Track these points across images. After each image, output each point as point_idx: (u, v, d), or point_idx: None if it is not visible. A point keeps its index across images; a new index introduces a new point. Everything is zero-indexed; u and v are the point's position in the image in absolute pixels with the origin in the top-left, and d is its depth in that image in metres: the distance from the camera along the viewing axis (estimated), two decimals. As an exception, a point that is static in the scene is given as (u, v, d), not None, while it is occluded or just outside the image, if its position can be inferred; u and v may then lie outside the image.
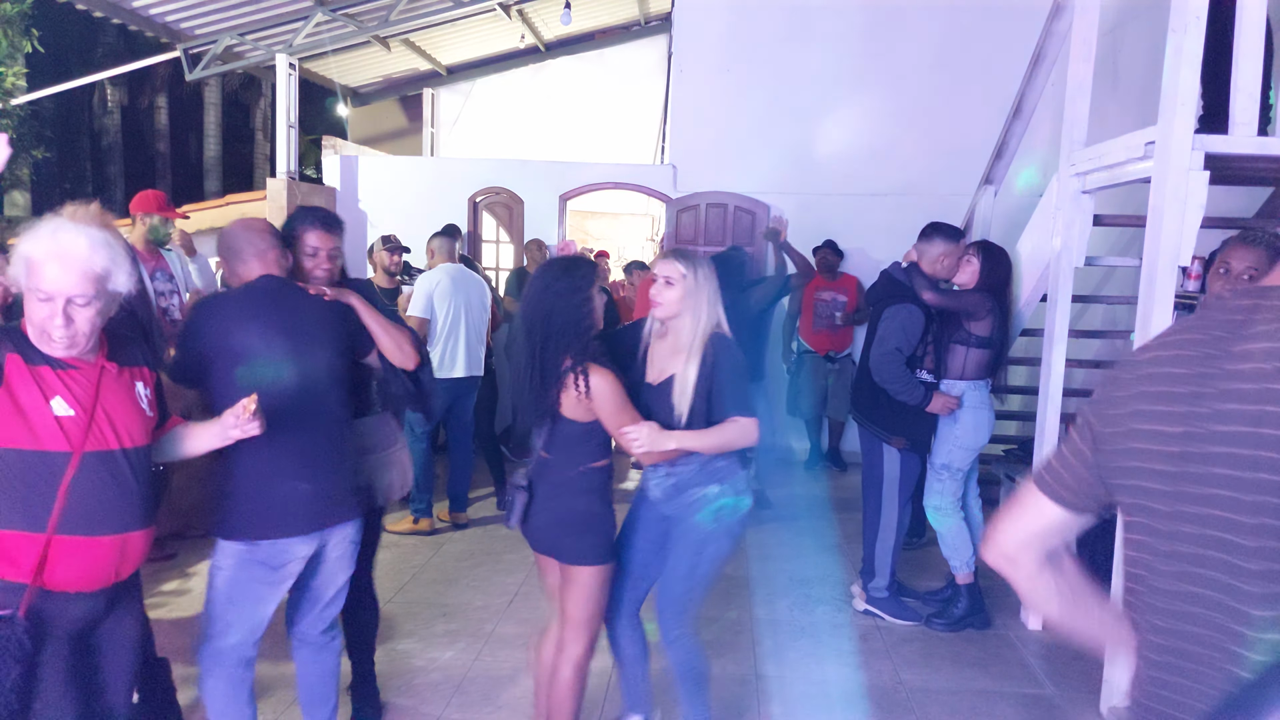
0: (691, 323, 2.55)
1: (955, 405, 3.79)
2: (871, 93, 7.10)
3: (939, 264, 3.84)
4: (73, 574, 1.85)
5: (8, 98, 10.18)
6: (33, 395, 1.78)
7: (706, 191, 7.24)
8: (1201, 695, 1.01)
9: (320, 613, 2.61)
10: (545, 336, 2.42)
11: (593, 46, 10.87)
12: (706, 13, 7.31)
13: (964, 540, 3.92)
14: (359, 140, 10.42)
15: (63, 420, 1.80)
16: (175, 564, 4.45)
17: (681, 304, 2.55)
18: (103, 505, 1.85)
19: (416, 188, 7.59)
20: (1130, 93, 6.01)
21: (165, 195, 4.71)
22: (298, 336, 2.42)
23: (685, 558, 2.65)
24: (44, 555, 1.79)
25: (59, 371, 1.82)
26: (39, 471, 1.79)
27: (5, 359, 1.77)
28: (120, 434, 1.89)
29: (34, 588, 1.79)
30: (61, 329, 1.78)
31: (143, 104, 19.28)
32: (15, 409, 1.77)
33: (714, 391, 2.54)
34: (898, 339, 3.72)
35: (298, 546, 2.41)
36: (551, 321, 2.42)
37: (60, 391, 1.81)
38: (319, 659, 2.65)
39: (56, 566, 1.82)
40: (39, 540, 1.79)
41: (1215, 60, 3.29)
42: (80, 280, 1.78)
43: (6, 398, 1.77)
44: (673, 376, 2.55)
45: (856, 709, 3.23)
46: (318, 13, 7.40)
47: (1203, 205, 2.95)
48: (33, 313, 1.79)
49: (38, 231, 1.80)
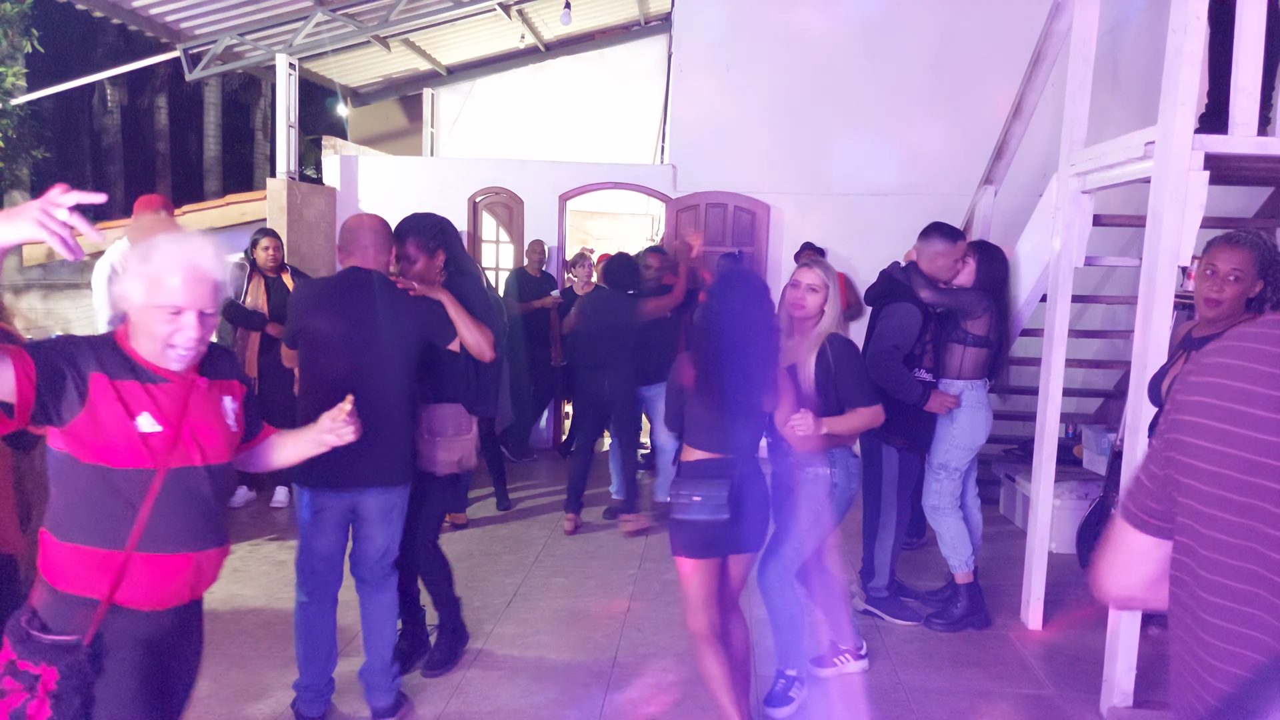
0: (823, 324, 3.01)
1: (953, 404, 3.79)
2: (871, 92, 7.10)
3: (936, 264, 3.84)
4: (148, 592, 1.80)
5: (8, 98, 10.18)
6: (117, 413, 1.72)
7: (706, 191, 7.24)
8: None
9: (369, 559, 2.97)
10: (753, 347, 2.67)
11: (593, 46, 10.86)
12: (706, 13, 7.31)
13: (963, 540, 3.92)
14: (359, 140, 10.41)
15: (149, 437, 1.75)
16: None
17: (821, 309, 3.01)
18: (183, 522, 1.82)
19: (416, 188, 7.60)
20: (1130, 93, 6.01)
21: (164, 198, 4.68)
22: (364, 323, 2.80)
23: (800, 525, 3.05)
24: (121, 573, 1.75)
25: (147, 385, 1.77)
26: (121, 489, 1.75)
27: (90, 380, 1.71)
28: (205, 450, 1.84)
29: (108, 605, 1.75)
30: (194, 342, 1.77)
31: (143, 104, 19.28)
32: (98, 428, 1.72)
33: (840, 383, 2.96)
34: (895, 337, 3.72)
35: (330, 499, 2.83)
36: (755, 330, 2.67)
37: (148, 407, 1.76)
38: (372, 597, 3.01)
39: (133, 584, 1.77)
40: (118, 558, 1.74)
41: (1221, 57, 3.30)
42: (211, 292, 1.77)
43: (88, 417, 1.71)
44: (794, 366, 2.97)
45: (856, 709, 3.22)
46: (318, 13, 7.39)
47: (1203, 205, 2.95)
48: (156, 328, 1.76)
49: (158, 246, 1.78)
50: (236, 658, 3.44)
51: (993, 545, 4.76)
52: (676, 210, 7.34)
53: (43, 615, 1.74)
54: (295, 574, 2.95)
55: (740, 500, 2.67)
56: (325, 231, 7.47)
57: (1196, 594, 1.01)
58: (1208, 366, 1.03)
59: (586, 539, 5.08)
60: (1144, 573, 1.16)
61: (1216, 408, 0.99)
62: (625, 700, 3.24)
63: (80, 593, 1.74)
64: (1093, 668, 3.32)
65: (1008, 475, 5.70)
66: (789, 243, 7.10)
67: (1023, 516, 5.28)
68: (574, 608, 4.09)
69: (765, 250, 7.18)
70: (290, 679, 3.11)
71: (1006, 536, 5.25)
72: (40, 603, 1.76)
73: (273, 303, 5.26)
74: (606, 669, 3.47)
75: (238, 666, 3.38)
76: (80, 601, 1.74)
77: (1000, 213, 5.39)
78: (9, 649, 1.72)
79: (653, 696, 3.24)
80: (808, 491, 3.04)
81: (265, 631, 3.70)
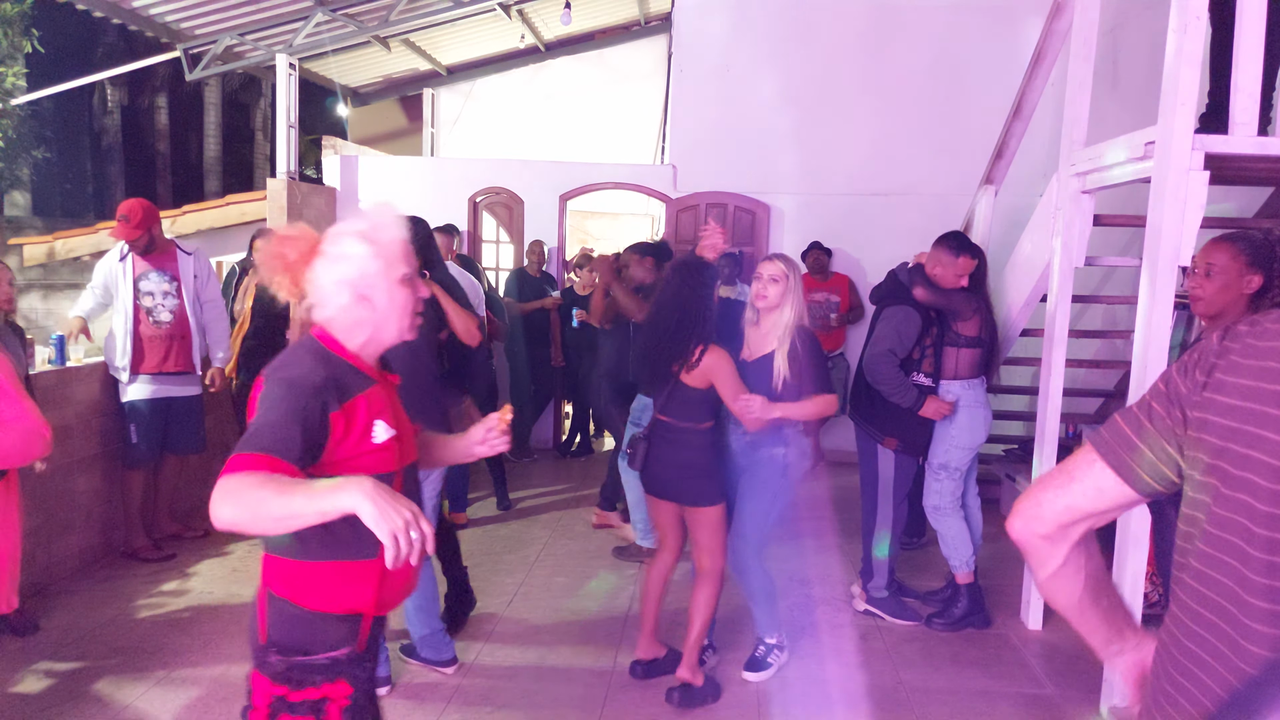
0: (786, 314, 3.21)
1: (948, 411, 3.79)
2: (871, 92, 7.10)
3: (936, 271, 3.87)
4: (395, 595, 1.77)
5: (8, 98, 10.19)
6: (359, 432, 1.65)
7: (706, 191, 7.24)
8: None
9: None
10: (679, 319, 3.07)
11: (593, 46, 10.86)
12: (706, 13, 7.31)
13: (964, 540, 3.92)
14: (359, 140, 10.41)
15: (388, 443, 1.69)
16: (175, 564, 4.45)
17: (782, 299, 3.20)
18: None
19: (416, 188, 7.60)
20: (1130, 93, 6.01)
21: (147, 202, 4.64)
22: None
23: (760, 503, 3.30)
24: (381, 580, 1.68)
25: (368, 393, 1.68)
26: None
27: (331, 421, 1.60)
28: (412, 444, 1.81)
29: (372, 616, 1.70)
30: (420, 302, 1.73)
31: (143, 104, 19.28)
32: (348, 453, 1.64)
33: (801, 372, 3.17)
34: (891, 340, 3.73)
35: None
36: (686, 308, 3.07)
37: (380, 413, 1.69)
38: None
39: (387, 590, 1.72)
40: (377, 565, 1.63)
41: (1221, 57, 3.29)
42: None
43: (335, 446, 1.62)
44: (766, 355, 3.22)
45: (856, 709, 3.23)
46: (318, 13, 7.39)
47: (1203, 205, 2.95)
48: (404, 302, 1.70)
49: (377, 222, 1.71)
50: (236, 658, 3.45)
51: (993, 545, 4.75)
52: (676, 210, 7.34)
53: (296, 641, 1.65)
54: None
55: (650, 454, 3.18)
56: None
57: (1240, 597, 0.98)
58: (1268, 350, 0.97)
59: (586, 539, 5.08)
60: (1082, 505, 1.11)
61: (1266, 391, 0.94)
62: (627, 700, 3.23)
63: (343, 609, 1.67)
64: (1092, 668, 3.32)
65: (1008, 475, 5.70)
66: (789, 243, 7.10)
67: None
68: (575, 608, 4.09)
69: (766, 250, 7.17)
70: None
71: (1006, 536, 5.23)
72: (288, 630, 1.65)
73: (264, 301, 5.27)
74: (608, 669, 3.47)
75: (238, 666, 3.38)
76: (342, 617, 1.67)
77: (1000, 213, 5.39)
78: (268, 688, 1.64)
79: (654, 697, 3.24)
80: (765, 472, 3.30)
81: (265, 631, 3.70)
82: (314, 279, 1.67)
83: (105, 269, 4.49)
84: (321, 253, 1.67)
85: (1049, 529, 1.14)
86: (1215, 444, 0.99)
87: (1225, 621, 0.98)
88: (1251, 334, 0.99)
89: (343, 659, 1.66)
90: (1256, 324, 1.00)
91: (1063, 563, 1.15)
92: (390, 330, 1.72)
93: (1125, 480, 1.09)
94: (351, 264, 1.66)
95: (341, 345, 1.69)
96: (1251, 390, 0.96)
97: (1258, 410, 0.95)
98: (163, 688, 3.21)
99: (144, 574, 4.32)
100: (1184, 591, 1.05)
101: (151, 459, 4.57)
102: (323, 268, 1.66)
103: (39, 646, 3.51)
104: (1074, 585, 1.17)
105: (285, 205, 6.87)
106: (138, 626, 3.73)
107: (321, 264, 1.67)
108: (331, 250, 1.67)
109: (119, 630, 3.69)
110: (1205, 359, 1.03)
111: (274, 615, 1.66)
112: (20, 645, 3.52)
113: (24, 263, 9.85)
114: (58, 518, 4.20)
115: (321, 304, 1.67)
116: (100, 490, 4.49)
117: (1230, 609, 0.98)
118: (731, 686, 3.34)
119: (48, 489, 4.11)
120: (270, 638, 1.66)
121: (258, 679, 1.66)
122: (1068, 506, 1.13)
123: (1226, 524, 0.98)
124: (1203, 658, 1.02)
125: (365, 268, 1.66)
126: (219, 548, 4.70)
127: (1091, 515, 1.12)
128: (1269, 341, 0.97)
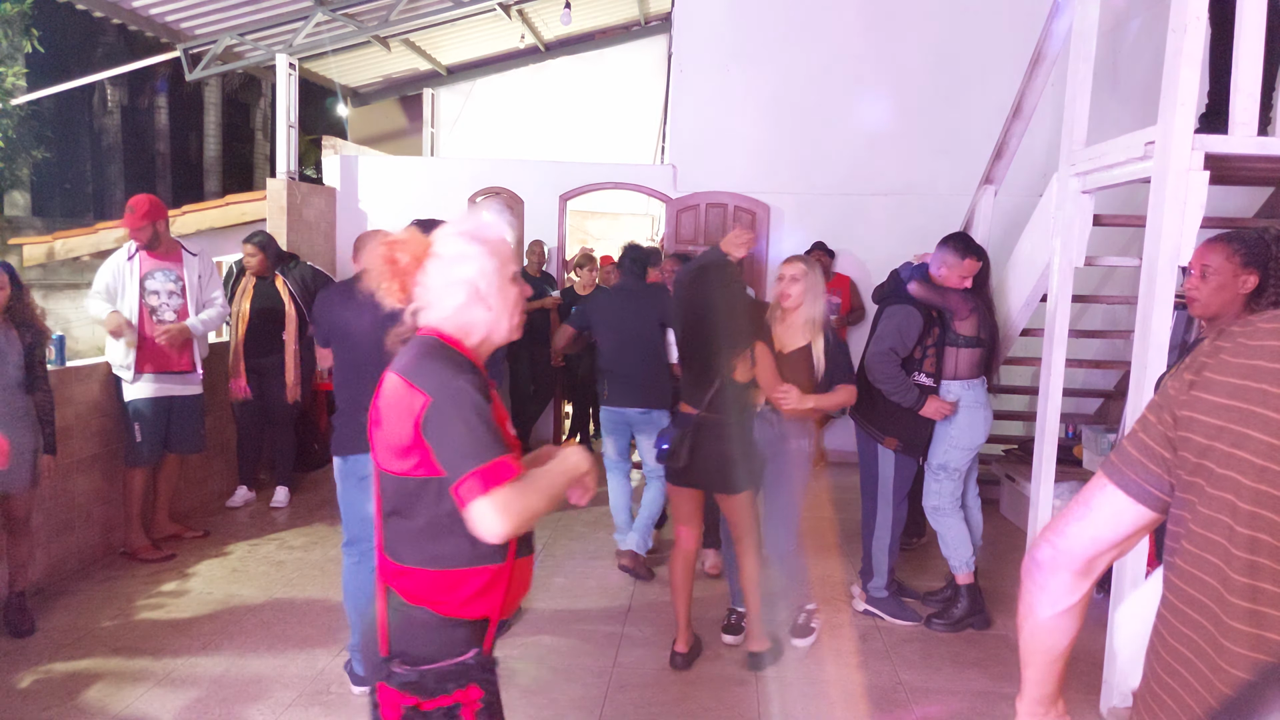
0: (809, 310, 3.52)
1: (949, 411, 3.79)
2: (871, 92, 7.09)
3: (941, 272, 3.87)
4: (518, 597, 1.77)
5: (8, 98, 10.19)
6: (502, 420, 1.66)
7: (706, 191, 7.24)
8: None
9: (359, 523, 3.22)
10: (724, 320, 3.28)
11: (593, 46, 10.87)
12: (706, 13, 7.30)
13: (963, 540, 3.92)
14: (359, 140, 10.42)
15: (513, 442, 1.70)
16: (174, 564, 4.45)
17: (803, 297, 3.51)
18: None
19: (416, 188, 7.60)
20: (1130, 93, 6.01)
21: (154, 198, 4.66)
22: (359, 315, 3.09)
23: (792, 492, 3.66)
24: (509, 584, 1.70)
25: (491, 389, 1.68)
26: None
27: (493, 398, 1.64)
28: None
29: (497, 620, 1.71)
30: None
31: (143, 104, 19.29)
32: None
33: (830, 363, 3.52)
34: (892, 339, 3.74)
35: (338, 463, 3.16)
36: (728, 308, 3.30)
37: (501, 416, 1.68)
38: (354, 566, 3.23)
39: (512, 594, 1.73)
40: (506, 569, 1.68)
41: (1221, 57, 3.29)
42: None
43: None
44: (796, 350, 3.53)
45: (857, 709, 3.22)
46: (318, 13, 7.39)
47: (1203, 205, 2.95)
48: (515, 297, 1.73)
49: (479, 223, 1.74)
50: (236, 658, 3.45)
51: (993, 545, 4.76)
52: (676, 210, 7.34)
53: (423, 650, 1.64)
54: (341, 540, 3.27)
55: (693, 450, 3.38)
56: (325, 231, 7.47)
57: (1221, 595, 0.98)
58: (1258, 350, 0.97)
59: (586, 539, 5.08)
60: (1105, 535, 1.10)
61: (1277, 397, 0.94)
62: (627, 701, 3.23)
63: (476, 614, 1.67)
64: (1092, 668, 3.32)
65: (1008, 475, 5.70)
66: (789, 243, 7.10)
67: (1023, 517, 5.28)
68: (574, 608, 4.09)
69: (765, 250, 7.18)
70: (290, 676, 3.12)
71: (1006, 536, 5.25)
72: (416, 639, 1.65)
73: (258, 303, 5.29)
74: (608, 669, 3.47)
75: (238, 666, 3.38)
76: (472, 622, 1.67)
77: (1000, 213, 5.39)
78: (398, 699, 1.63)
79: (654, 697, 3.24)
80: (792, 462, 3.62)
81: (265, 632, 3.70)
82: (427, 281, 1.67)
83: (111, 270, 4.49)
84: (435, 255, 1.68)
85: (1078, 564, 1.13)
86: (1201, 443, 0.99)
87: (1209, 621, 0.99)
88: (1243, 334, 1.00)
89: (471, 663, 1.66)
90: (1249, 324, 1.00)
91: (1077, 601, 1.14)
92: (502, 328, 1.73)
93: (1136, 499, 1.08)
94: (470, 263, 1.67)
95: (464, 345, 1.70)
96: (1239, 389, 0.96)
97: (1244, 408, 0.95)
98: (163, 688, 3.21)
99: (144, 574, 4.32)
100: (1171, 591, 1.06)
101: (153, 458, 4.58)
102: (437, 269, 1.67)
103: (38, 646, 3.51)
104: (1072, 627, 1.17)
105: (285, 205, 6.87)
106: (138, 626, 3.73)
107: (435, 265, 1.67)
108: (445, 251, 1.67)
109: (119, 630, 3.68)
110: (1196, 360, 1.04)
111: (400, 625, 1.65)
112: (20, 645, 3.52)
113: (24, 263, 9.85)
114: (58, 518, 4.20)
115: (435, 305, 1.68)
116: (100, 490, 4.49)
117: (1213, 608, 0.98)
118: (731, 687, 3.34)
119: (48, 489, 4.11)
120: (394, 649, 1.64)
121: (385, 692, 1.64)
122: (1093, 538, 1.12)
123: (1211, 523, 0.99)
124: (1188, 657, 1.02)
125: (483, 265, 1.68)
126: (219, 548, 4.70)
127: (1115, 544, 1.12)
128: (1260, 340, 0.97)
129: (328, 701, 3.14)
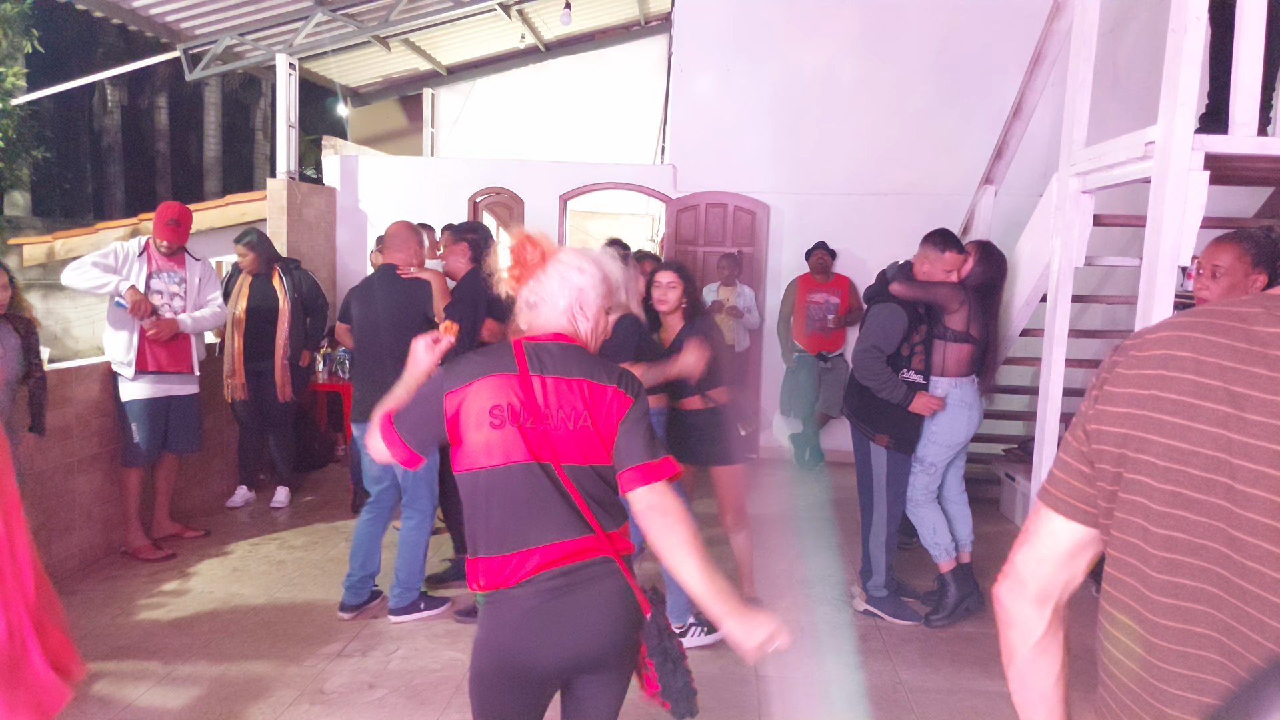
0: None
1: (938, 406, 3.79)
2: (872, 92, 7.10)
3: (923, 268, 3.87)
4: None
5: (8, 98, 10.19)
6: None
7: (706, 191, 7.24)
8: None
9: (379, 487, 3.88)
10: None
11: (593, 46, 10.87)
12: (706, 13, 7.30)
13: (941, 527, 3.93)
14: (359, 140, 10.42)
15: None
16: (175, 564, 4.45)
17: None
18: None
19: (416, 188, 7.60)
20: (1130, 93, 6.01)
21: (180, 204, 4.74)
22: (376, 305, 3.80)
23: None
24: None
25: None
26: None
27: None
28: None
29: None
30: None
31: (143, 104, 19.29)
32: None
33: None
34: (876, 336, 3.76)
35: (356, 430, 3.81)
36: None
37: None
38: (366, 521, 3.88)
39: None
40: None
41: (1221, 57, 3.29)
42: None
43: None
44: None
45: (856, 709, 3.23)
46: (318, 13, 7.39)
47: (1203, 205, 2.95)
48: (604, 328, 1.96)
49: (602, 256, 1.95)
50: (236, 658, 3.45)
51: (993, 545, 4.76)
52: (676, 210, 7.34)
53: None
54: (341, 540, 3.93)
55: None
56: (325, 231, 7.47)
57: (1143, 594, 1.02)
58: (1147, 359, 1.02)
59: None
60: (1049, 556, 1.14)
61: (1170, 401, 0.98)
62: (626, 701, 3.23)
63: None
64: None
65: (1008, 475, 5.71)
66: (789, 243, 7.11)
67: (1023, 516, 5.28)
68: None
69: (765, 250, 7.18)
70: (290, 676, 3.11)
71: (1006, 536, 5.25)
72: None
73: (254, 303, 5.29)
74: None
75: (238, 666, 3.38)
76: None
77: (1000, 213, 5.39)
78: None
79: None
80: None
81: (265, 631, 3.70)
82: (545, 281, 1.87)
83: (119, 255, 4.46)
84: (559, 261, 1.88)
85: (1032, 591, 1.16)
86: (1112, 452, 1.05)
87: (1135, 621, 1.03)
88: (1134, 346, 1.06)
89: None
90: (1140, 336, 1.06)
91: (1044, 630, 1.17)
92: (591, 347, 1.94)
93: (1068, 516, 1.12)
94: (584, 276, 1.88)
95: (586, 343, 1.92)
96: (1135, 397, 1.02)
97: (1141, 415, 1.01)
98: (163, 687, 3.21)
99: (144, 574, 4.32)
100: (1106, 600, 1.10)
101: (151, 457, 4.58)
102: (557, 274, 1.86)
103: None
104: (1052, 666, 1.19)
105: (285, 205, 6.87)
106: (138, 626, 3.73)
107: (556, 269, 1.86)
108: (568, 261, 1.88)
109: (119, 630, 3.69)
110: (1099, 376, 1.10)
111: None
112: (20, 645, 3.52)
113: (24, 263, 9.85)
114: (58, 518, 4.20)
115: (547, 302, 1.87)
116: (100, 490, 4.50)
117: (1138, 608, 1.03)
118: (731, 686, 3.34)
119: (48, 489, 4.12)
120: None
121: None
122: (1039, 561, 1.15)
123: (1126, 526, 1.04)
124: (1118, 657, 1.07)
125: (594, 281, 1.89)
126: (219, 548, 4.70)
127: (1061, 565, 1.15)
128: (1148, 351, 1.03)
129: (328, 701, 3.14)
